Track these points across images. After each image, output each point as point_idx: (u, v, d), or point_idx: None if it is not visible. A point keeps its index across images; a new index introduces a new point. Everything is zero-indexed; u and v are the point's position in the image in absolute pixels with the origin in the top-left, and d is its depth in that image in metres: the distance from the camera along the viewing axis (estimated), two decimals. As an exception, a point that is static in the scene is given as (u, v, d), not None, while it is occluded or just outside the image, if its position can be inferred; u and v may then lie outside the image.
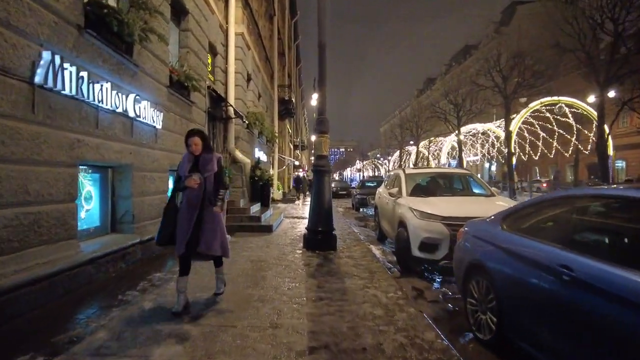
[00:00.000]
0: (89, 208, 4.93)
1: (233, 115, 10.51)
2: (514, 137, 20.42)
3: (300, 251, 6.34)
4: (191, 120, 7.99)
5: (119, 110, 4.87)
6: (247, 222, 8.73)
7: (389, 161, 66.51)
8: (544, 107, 22.54)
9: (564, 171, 36.87)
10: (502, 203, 5.56)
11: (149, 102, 5.70)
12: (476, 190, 6.78)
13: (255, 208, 10.05)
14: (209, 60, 9.86)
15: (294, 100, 26.40)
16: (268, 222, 9.04)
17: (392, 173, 8.29)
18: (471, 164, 41.62)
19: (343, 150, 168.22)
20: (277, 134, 19.07)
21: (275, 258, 5.76)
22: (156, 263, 5.31)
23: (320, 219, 6.47)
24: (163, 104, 6.46)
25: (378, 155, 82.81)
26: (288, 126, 30.72)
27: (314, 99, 34.84)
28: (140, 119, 5.50)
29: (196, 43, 8.23)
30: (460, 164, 27.18)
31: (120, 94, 4.86)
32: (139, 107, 5.41)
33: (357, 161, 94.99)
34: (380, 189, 8.47)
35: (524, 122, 23.98)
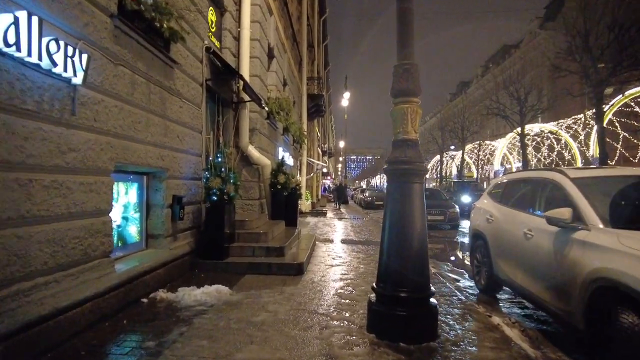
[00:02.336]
0: None
1: (247, 98, 7.36)
2: (605, 121, 15.87)
3: (366, 349, 2.95)
4: (171, 91, 4.86)
5: None
6: (263, 256, 5.47)
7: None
8: (633, 101, 18.23)
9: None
10: None
11: (39, 21, 2.59)
12: None
13: (276, 231, 6.79)
14: (213, 17, 6.80)
15: (325, 95, 23.19)
16: (296, 257, 5.72)
17: (518, 177, 4.78)
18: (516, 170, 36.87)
19: (371, 157, 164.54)
20: (306, 134, 15.88)
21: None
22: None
23: (406, 270, 3.08)
24: (99, 45, 3.36)
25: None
26: (317, 128, 27.59)
27: (346, 99, 31.73)
28: (8, 51, 2.40)
29: (184, -29, 5.16)
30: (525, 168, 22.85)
31: None
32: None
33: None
34: (488, 207, 4.95)
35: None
